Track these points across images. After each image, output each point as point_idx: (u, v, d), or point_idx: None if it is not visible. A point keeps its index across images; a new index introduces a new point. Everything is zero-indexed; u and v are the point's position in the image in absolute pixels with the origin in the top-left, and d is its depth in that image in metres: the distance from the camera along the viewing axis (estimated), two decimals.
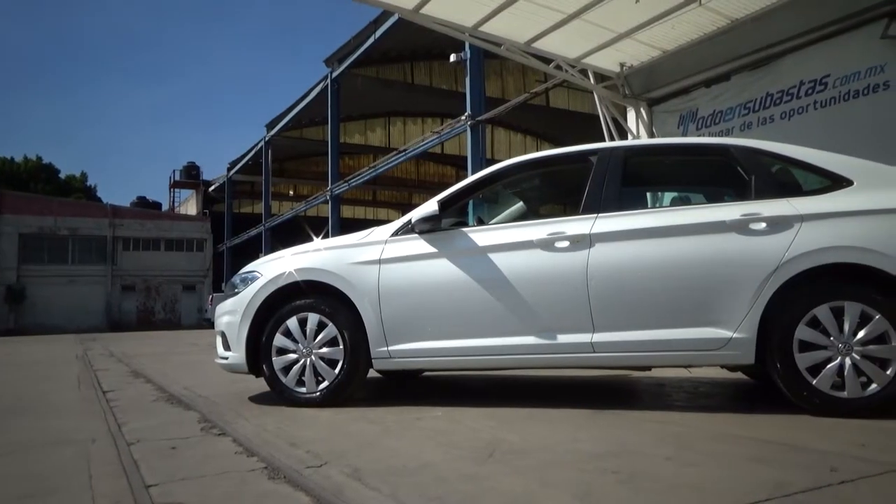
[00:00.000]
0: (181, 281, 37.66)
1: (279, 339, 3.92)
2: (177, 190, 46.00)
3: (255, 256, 4.99)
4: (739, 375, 4.86)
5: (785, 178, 3.71)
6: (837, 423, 3.02)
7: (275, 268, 4.06)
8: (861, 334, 3.15)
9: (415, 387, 4.97)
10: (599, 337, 3.51)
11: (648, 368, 4.59)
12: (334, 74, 22.88)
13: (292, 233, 22.01)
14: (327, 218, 24.13)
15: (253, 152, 33.07)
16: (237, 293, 4.10)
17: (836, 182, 3.46)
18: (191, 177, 44.05)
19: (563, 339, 3.57)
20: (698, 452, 2.56)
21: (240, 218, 38.44)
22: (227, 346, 4.10)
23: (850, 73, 6.63)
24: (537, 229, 3.72)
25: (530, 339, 3.61)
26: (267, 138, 30.36)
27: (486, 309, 3.68)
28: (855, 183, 3.41)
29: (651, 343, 3.45)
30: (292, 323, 3.90)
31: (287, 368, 3.90)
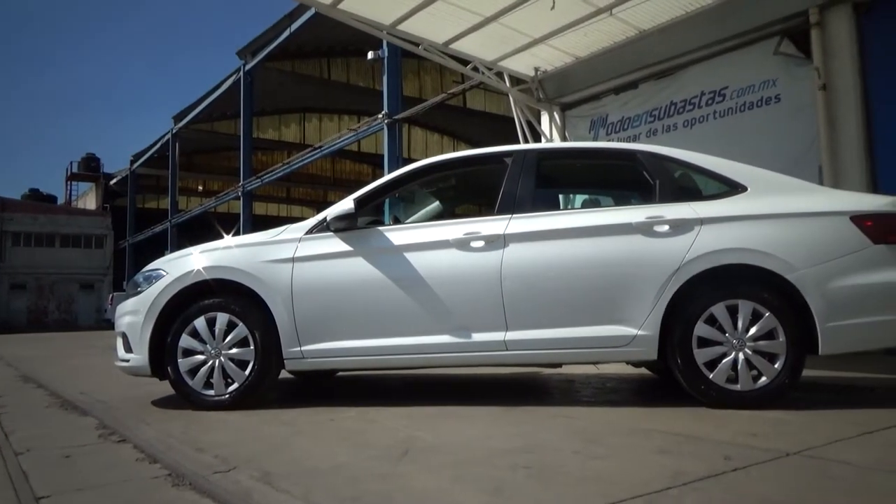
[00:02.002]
0: (78, 279, 35.45)
1: (185, 340, 3.77)
2: (74, 183, 43.25)
3: (160, 254, 4.77)
4: (643, 371, 5.09)
5: (686, 183, 3.92)
6: (731, 415, 3.21)
7: (181, 266, 3.90)
8: (753, 331, 3.36)
9: (328, 387, 4.90)
10: (512, 335, 3.58)
11: (559, 365, 4.72)
12: (247, 67, 22.22)
13: (201, 230, 21.18)
14: (239, 215, 23.40)
15: (159, 145, 31.60)
16: (140, 292, 3.91)
17: (732, 188, 3.68)
18: (90, 169, 41.49)
19: (477, 337, 3.62)
20: (604, 445, 2.66)
21: (144, 213, 36.60)
22: (128, 348, 3.90)
23: (746, 86, 7.07)
24: (453, 229, 3.75)
25: (445, 338, 3.64)
26: (174, 131, 29.09)
27: (401, 308, 3.68)
28: (749, 189, 3.64)
29: (561, 341, 3.55)
30: (200, 323, 3.76)
31: (194, 370, 3.76)
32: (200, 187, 36.74)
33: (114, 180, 39.06)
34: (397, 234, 3.83)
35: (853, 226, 3.41)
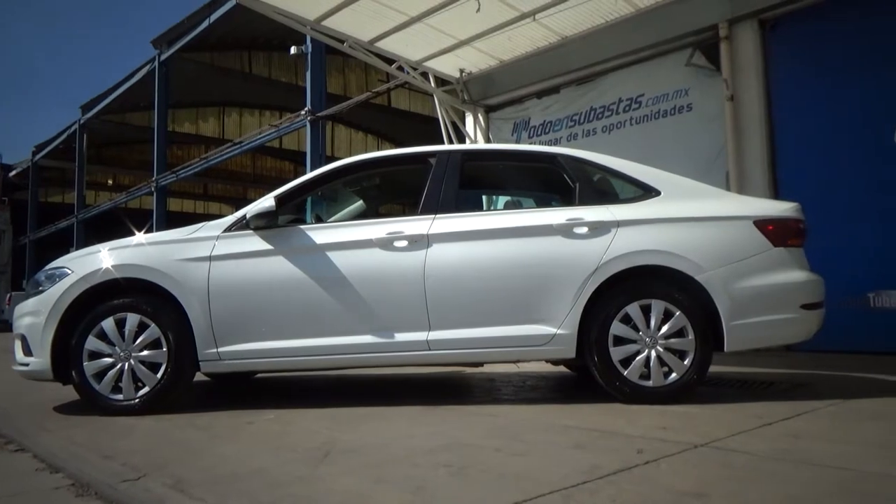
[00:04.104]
0: None
1: (92, 342, 3.57)
2: None
3: (64, 251, 4.50)
4: (561, 369, 5.22)
5: (604, 187, 4.05)
6: (644, 409, 3.34)
7: (88, 264, 3.70)
8: (664, 329, 3.51)
9: (246, 390, 4.77)
10: (435, 335, 3.59)
11: (480, 364, 4.78)
12: (163, 57, 21.30)
13: (110, 227, 20.12)
14: (152, 211, 22.40)
15: (65, 136, 29.80)
16: (42, 291, 3.68)
17: (646, 192, 3.83)
18: None
19: (400, 337, 3.61)
20: (524, 442, 2.71)
21: (47, 208, 34.44)
22: (27, 351, 3.66)
23: (660, 94, 7.38)
24: (376, 228, 3.73)
25: (367, 338, 3.61)
26: (82, 121, 27.53)
27: (323, 308, 3.62)
28: (662, 193, 3.80)
29: (483, 340, 3.60)
30: (108, 324, 3.58)
31: (101, 374, 3.57)
32: (110, 181, 34.90)
33: (13, 172, 36.56)
34: (319, 233, 3.77)
35: (756, 230, 3.62)
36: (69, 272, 3.69)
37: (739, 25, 6.66)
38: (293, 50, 13.86)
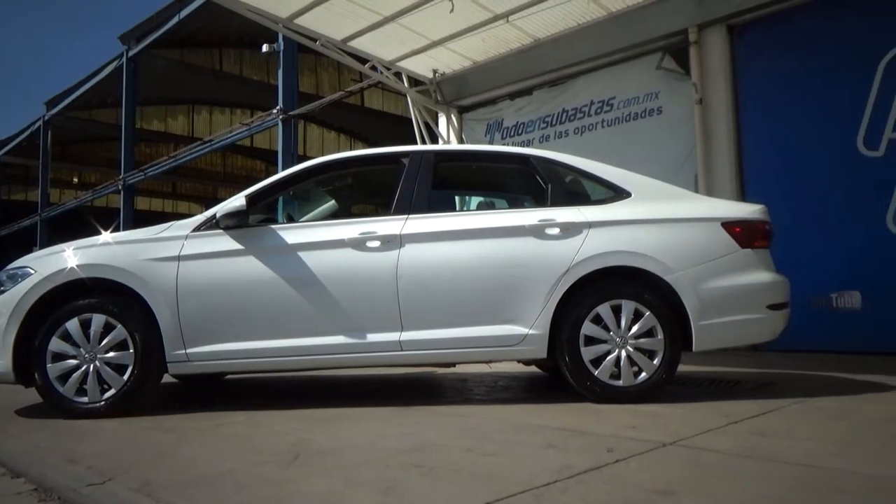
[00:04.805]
0: None
1: (56, 344, 3.49)
2: None
3: (27, 251, 4.40)
4: (533, 369, 5.25)
5: (576, 188, 4.09)
6: (614, 409, 3.38)
7: (52, 263, 3.62)
8: (635, 329, 3.56)
9: (216, 391, 4.70)
10: (407, 335, 3.59)
11: (453, 365, 4.78)
12: (131, 53, 20.91)
13: (75, 225, 19.67)
14: (119, 210, 21.98)
15: (29, 132, 29.08)
16: (3, 292, 3.59)
17: (617, 193, 3.87)
18: None
19: (372, 338, 3.60)
20: (495, 442, 2.72)
21: (9, 206, 33.54)
22: None
23: (631, 97, 7.47)
24: (349, 228, 3.71)
25: (340, 339, 3.59)
26: (46, 117, 26.88)
27: (294, 308, 3.59)
28: (633, 195, 3.85)
29: (456, 340, 3.60)
30: (73, 325, 3.50)
31: (65, 376, 3.49)
32: (76, 179, 34.14)
33: None
34: (291, 233, 3.73)
35: (724, 231, 3.69)
36: (32, 272, 3.60)
37: (708, 30, 6.77)
38: (265, 48, 13.70)
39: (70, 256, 3.63)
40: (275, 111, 13.93)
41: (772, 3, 6.33)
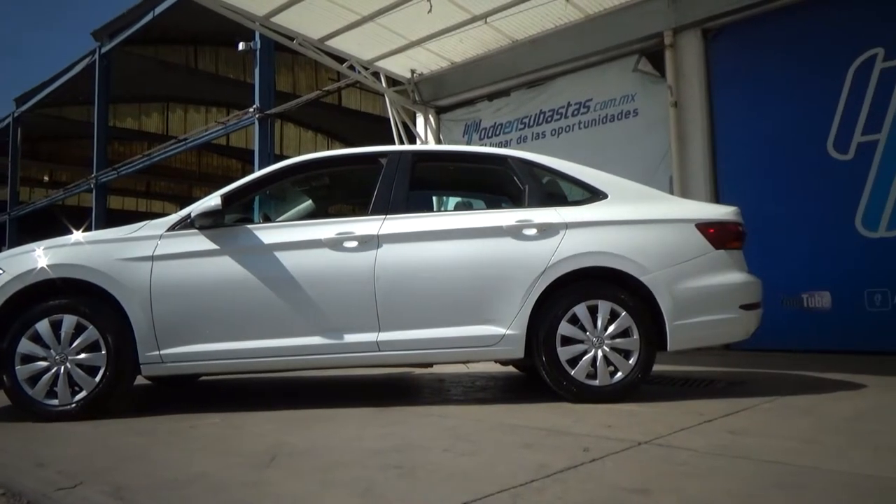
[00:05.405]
0: None
1: (25, 345, 3.43)
2: None
3: None
4: (510, 369, 5.27)
5: (553, 189, 4.11)
6: (590, 408, 3.40)
7: (22, 263, 3.55)
8: (611, 329, 3.59)
9: (191, 393, 4.65)
10: (385, 336, 3.58)
11: (430, 365, 4.78)
12: (104, 50, 20.58)
13: (46, 225, 19.29)
14: (91, 209, 21.61)
15: None
16: None
17: (594, 195, 3.91)
18: None
19: (349, 338, 3.58)
20: (473, 442, 2.72)
21: None
22: None
23: (608, 99, 7.53)
24: (326, 228, 3.69)
25: (317, 340, 3.57)
26: (16, 114, 26.35)
27: (270, 309, 3.56)
28: (609, 196, 3.88)
29: (433, 341, 3.60)
30: (42, 326, 3.44)
31: (35, 378, 3.42)
32: (46, 178, 33.49)
33: None
34: (267, 233, 3.71)
35: (698, 232, 3.74)
36: (1, 272, 3.53)
37: (683, 34, 6.85)
38: (241, 46, 13.58)
39: (40, 256, 3.56)
40: (251, 110, 13.80)
41: (745, 8, 6.43)
